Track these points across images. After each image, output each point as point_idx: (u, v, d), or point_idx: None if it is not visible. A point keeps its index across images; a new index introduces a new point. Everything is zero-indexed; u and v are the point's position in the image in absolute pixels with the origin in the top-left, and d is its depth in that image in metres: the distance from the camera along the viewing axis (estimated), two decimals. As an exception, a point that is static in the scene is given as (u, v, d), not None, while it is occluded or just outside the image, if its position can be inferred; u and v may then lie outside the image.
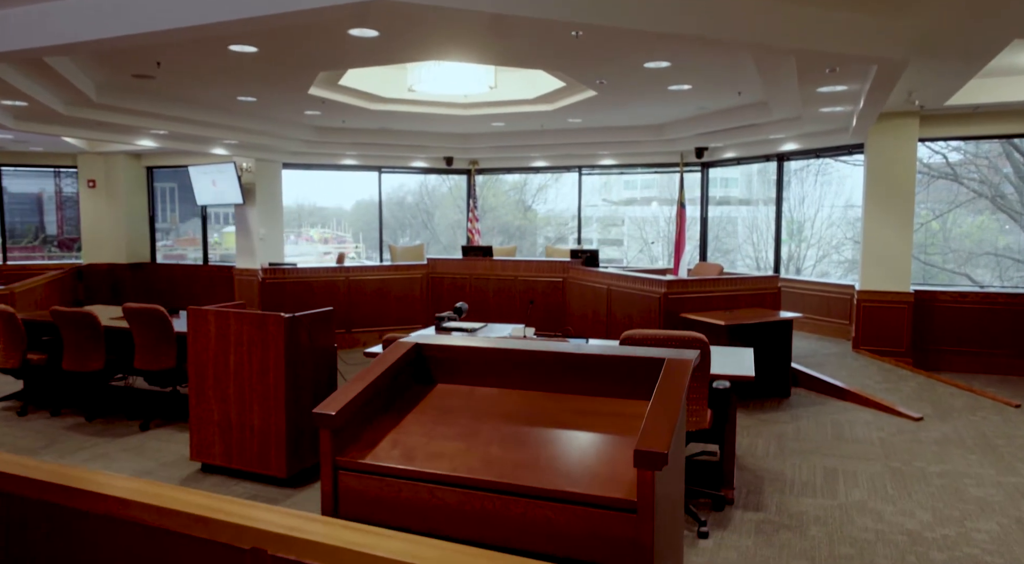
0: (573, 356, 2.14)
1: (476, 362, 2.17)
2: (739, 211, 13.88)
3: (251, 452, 4.27)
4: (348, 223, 17.51)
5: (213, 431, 4.37)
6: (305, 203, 16.54)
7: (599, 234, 16.94)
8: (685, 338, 3.55)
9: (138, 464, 4.62)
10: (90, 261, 11.49)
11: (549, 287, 8.33)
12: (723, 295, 6.58)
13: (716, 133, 9.18)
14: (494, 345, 2.18)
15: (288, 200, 16.16)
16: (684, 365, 1.91)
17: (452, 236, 16.47)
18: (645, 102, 7.84)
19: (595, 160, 11.36)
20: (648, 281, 6.72)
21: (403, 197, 17.29)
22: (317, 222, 17.32)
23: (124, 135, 8.40)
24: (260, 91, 7.25)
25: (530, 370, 2.13)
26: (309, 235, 17.07)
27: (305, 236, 16.92)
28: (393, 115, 8.88)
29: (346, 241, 17.08)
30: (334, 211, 17.32)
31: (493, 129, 10.24)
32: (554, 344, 2.27)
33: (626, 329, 7.15)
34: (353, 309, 8.62)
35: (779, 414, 5.72)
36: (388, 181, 15.88)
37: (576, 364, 2.12)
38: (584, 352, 2.16)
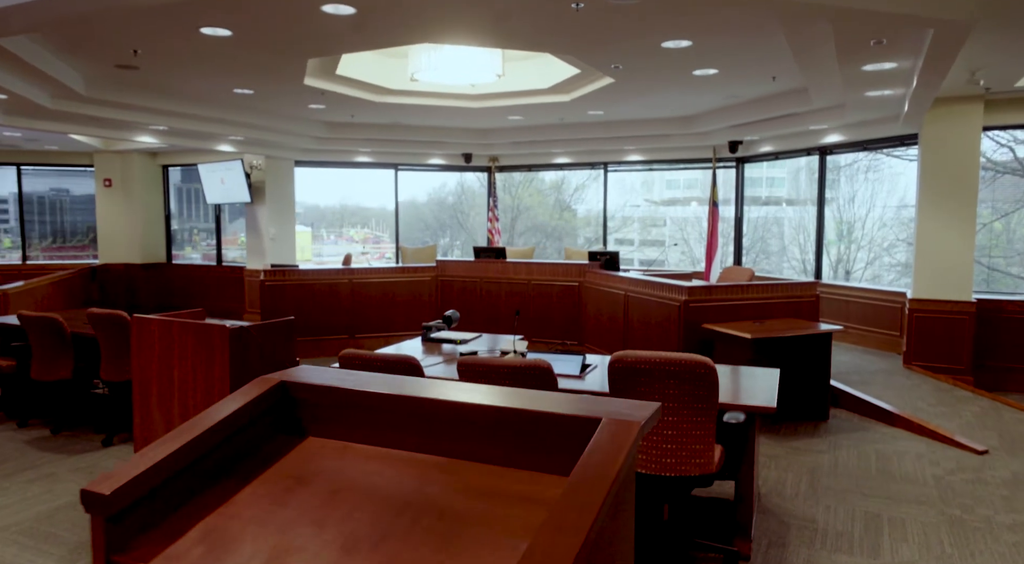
0: (481, 409, 1.53)
1: (360, 409, 1.59)
2: (785, 211, 13.07)
3: (195, 481, 3.76)
4: (390, 223, 17.19)
5: (157, 455, 3.88)
6: (349, 203, 16.39)
7: (640, 235, 16.26)
8: (686, 363, 2.90)
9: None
10: (106, 261, 11.31)
11: (564, 291, 7.69)
12: (753, 303, 5.86)
13: (751, 125, 8.41)
14: (382, 389, 1.60)
15: (331, 200, 16.00)
16: (626, 430, 1.30)
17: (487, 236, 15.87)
18: (669, 90, 7.13)
19: (621, 156, 10.66)
20: (667, 287, 6.03)
21: (444, 197, 16.95)
22: (359, 222, 17.15)
23: (122, 131, 8.08)
24: (253, 83, 6.82)
25: (427, 425, 1.54)
26: (349, 235, 16.87)
27: (346, 236, 16.72)
28: (401, 108, 8.37)
29: (383, 241, 16.88)
30: (377, 211, 17.13)
31: (510, 123, 9.64)
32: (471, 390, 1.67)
33: (644, 338, 6.48)
34: (357, 314, 8.13)
35: (814, 442, 4.98)
36: (429, 180, 15.48)
37: (485, 420, 1.52)
38: (496, 404, 1.55)
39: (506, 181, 14.71)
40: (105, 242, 11.32)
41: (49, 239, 12.09)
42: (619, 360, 3.02)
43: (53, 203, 12.11)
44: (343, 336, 8.11)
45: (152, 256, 11.56)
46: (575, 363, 4.00)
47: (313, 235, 15.29)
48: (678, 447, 2.96)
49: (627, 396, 3.04)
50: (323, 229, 16.07)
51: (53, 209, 12.16)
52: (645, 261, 14.74)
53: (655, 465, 2.98)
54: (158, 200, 11.64)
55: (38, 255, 11.79)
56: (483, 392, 1.62)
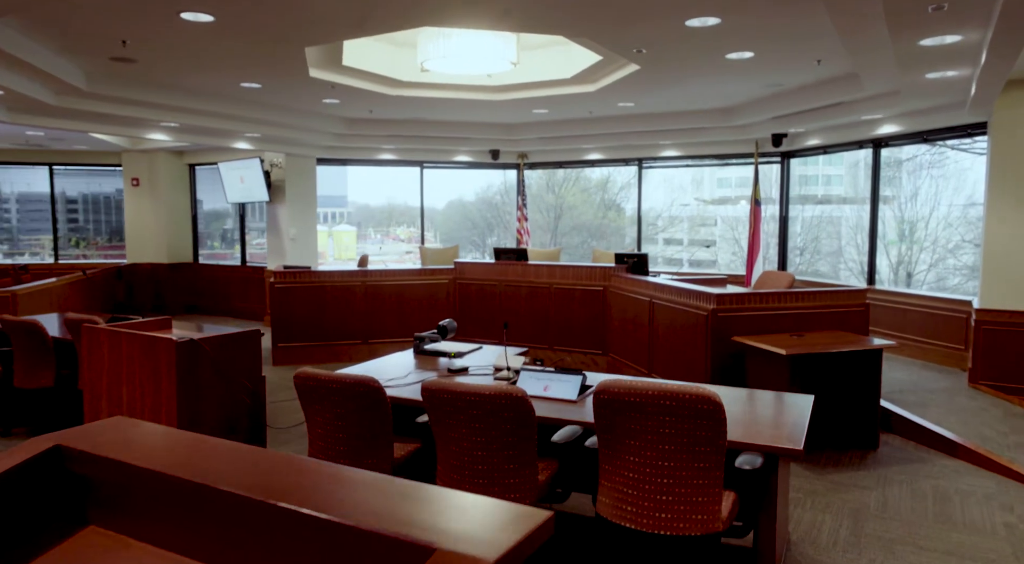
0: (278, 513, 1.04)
1: (151, 495, 1.13)
2: (842, 210, 12.26)
3: (143, 510, 3.39)
4: (439, 222, 16.98)
5: (107, 479, 3.53)
6: (396, 202, 16.31)
7: (689, 235, 15.65)
8: (686, 396, 2.35)
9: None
10: (133, 260, 11.25)
11: (587, 296, 7.14)
12: (791, 313, 5.21)
13: (795, 116, 7.69)
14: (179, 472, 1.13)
15: (379, 199, 15.89)
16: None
17: (533, 236, 15.36)
18: (702, 78, 6.51)
19: (656, 152, 10.02)
20: (694, 294, 5.43)
21: (492, 196, 16.67)
22: (406, 221, 17.03)
23: (134, 128, 7.89)
24: (257, 76, 6.50)
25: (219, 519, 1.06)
26: (396, 234, 16.77)
27: (392, 235, 16.61)
28: (419, 102, 7.95)
29: (428, 240, 16.73)
30: (426, 211, 16.98)
31: (537, 117, 9.13)
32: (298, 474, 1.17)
33: (669, 351, 5.88)
34: (372, 318, 7.75)
35: (860, 475, 4.33)
36: (477, 179, 15.13)
37: (279, 525, 1.03)
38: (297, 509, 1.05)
39: (549, 179, 14.25)
40: (132, 241, 11.27)
41: (105, 237, 12.13)
42: (605, 390, 2.49)
43: (107, 201, 12.18)
44: (356, 341, 7.73)
45: (178, 256, 11.45)
46: (573, 384, 3.47)
47: (359, 234, 15.15)
48: (675, 499, 2.41)
49: (615, 434, 2.51)
50: (370, 228, 15.94)
51: (108, 208, 12.24)
52: (694, 261, 14.09)
53: (647, 520, 2.44)
54: (185, 199, 11.54)
55: (93, 254, 11.86)
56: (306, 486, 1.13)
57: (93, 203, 12.08)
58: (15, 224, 11.86)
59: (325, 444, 3.06)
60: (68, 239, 11.88)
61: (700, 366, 5.26)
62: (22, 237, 11.87)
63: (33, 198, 11.65)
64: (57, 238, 11.56)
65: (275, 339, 7.52)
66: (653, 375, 6.05)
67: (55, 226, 11.52)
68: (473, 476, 2.76)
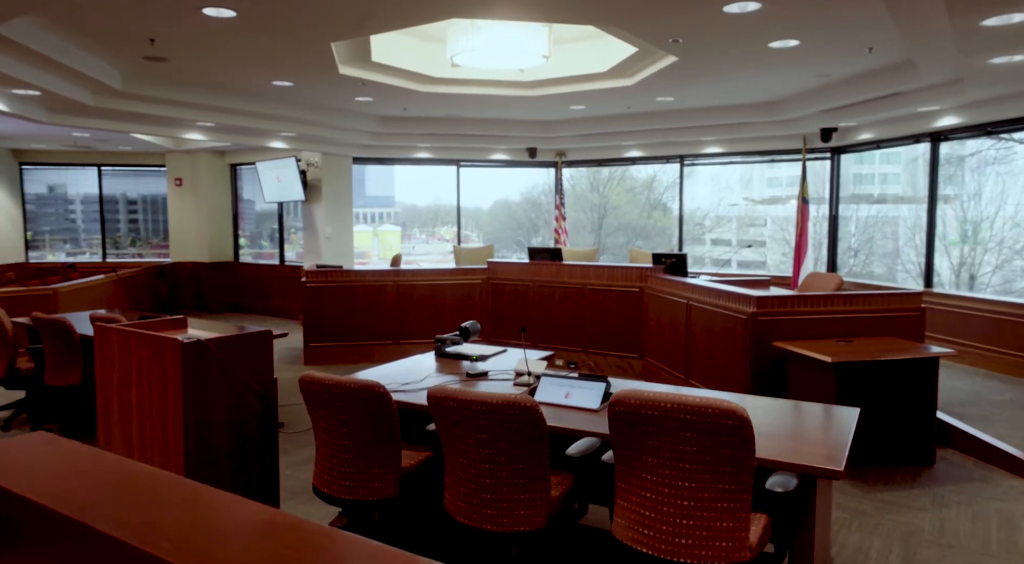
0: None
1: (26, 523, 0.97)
2: (899, 210, 11.72)
3: (151, 514, 3.31)
4: (483, 222, 17.00)
5: (117, 481, 3.46)
6: (442, 202, 16.43)
7: (737, 235, 15.26)
8: (709, 411, 2.12)
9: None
10: (176, 259, 11.44)
11: (623, 298, 6.88)
12: (838, 317, 4.87)
13: (846, 109, 7.29)
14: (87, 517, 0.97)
15: (425, 200, 16.03)
16: None
17: (576, 235, 15.15)
18: (744, 69, 6.20)
19: (698, 148, 9.68)
20: (733, 297, 5.13)
21: (537, 196, 16.59)
22: (451, 221, 17.10)
23: (171, 128, 7.97)
24: (287, 73, 6.45)
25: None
26: (440, 234, 16.86)
27: (437, 235, 16.70)
28: (453, 99, 7.83)
29: (470, 239, 16.74)
30: (472, 211, 17.07)
31: (574, 114, 8.91)
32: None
33: (706, 355, 5.59)
34: (403, 318, 7.64)
35: (913, 495, 3.99)
36: (522, 179, 15.01)
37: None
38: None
39: (594, 179, 14.03)
40: (176, 241, 11.46)
41: (160, 236, 12.39)
42: (620, 402, 2.27)
43: (164, 202, 12.45)
44: (388, 341, 7.64)
45: (219, 255, 11.60)
46: (596, 392, 3.25)
47: (404, 234, 15.22)
48: (697, 524, 2.18)
49: (631, 450, 2.29)
50: (415, 228, 16.03)
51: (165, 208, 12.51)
52: (743, 262, 13.70)
53: (665, 545, 2.21)
54: (226, 199, 11.68)
55: (148, 252, 12.13)
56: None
57: (152, 203, 12.32)
58: (80, 224, 12.16)
59: (330, 451, 2.91)
60: (127, 238, 12.16)
61: (739, 373, 4.96)
62: (84, 236, 12.18)
63: (92, 199, 11.92)
64: (105, 237, 11.84)
65: (307, 339, 7.48)
66: (691, 381, 5.77)
67: (103, 225, 11.80)
68: (480, 490, 2.58)
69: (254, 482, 3.39)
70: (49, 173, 11.78)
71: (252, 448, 3.37)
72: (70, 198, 12.10)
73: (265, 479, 3.45)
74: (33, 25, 4.77)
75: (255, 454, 3.39)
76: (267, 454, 3.46)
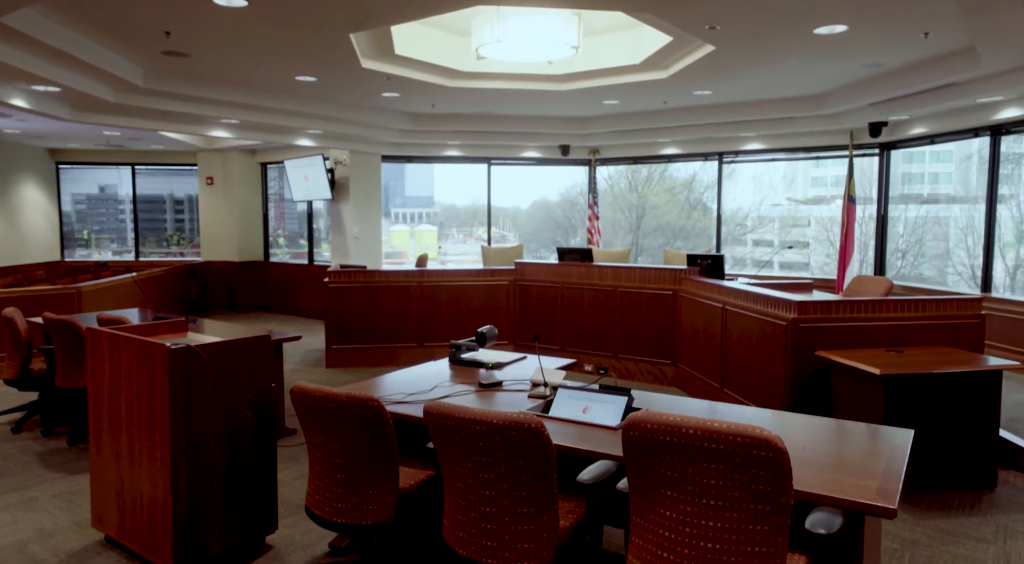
0: None
1: None
2: (950, 210, 11.14)
3: (141, 529, 3.13)
4: (522, 222, 16.89)
5: (110, 494, 3.30)
6: (480, 202, 16.40)
7: (780, 236, 14.79)
8: (738, 439, 1.81)
9: (47, 521, 3.67)
10: (207, 258, 11.45)
11: (656, 301, 6.55)
12: (889, 325, 4.48)
13: (897, 101, 6.83)
14: None
15: (464, 200, 16.02)
16: None
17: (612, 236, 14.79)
18: (786, 59, 5.81)
19: (738, 145, 9.27)
20: (772, 301, 4.77)
21: (575, 196, 16.35)
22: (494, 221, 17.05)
23: (195, 125, 7.90)
24: (309, 68, 6.30)
25: None
26: (479, 234, 16.81)
27: (475, 235, 16.66)
28: (482, 95, 7.59)
29: (507, 239, 16.64)
30: (510, 211, 16.99)
31: (607, 109, 8.59)
32: None
33: (744, 364, 5.22)
34: (428, 320, 7.43)
35: (973, 522, 3.60)
36: (560, 178, 14.77)
37: None
38: None
39: (632, 178, 13.69)
40: (207, 240, 11.48)
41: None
42: (636, 425, 1.97)
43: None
44: (412, 344, 7.44)
45: (250, 254, 11.58)
46: (616, 408, 2.96)
47: (441, 234, 15.13)
48: (722, 571, 1.87)
49: (647, 481, 2.00)
50: (453, 228, 15.98)
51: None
52: (785, 264, 13.25)
53: (686, 594, 1.91)
54: (257, 198, 11.66)
55: (189, 251, 12.21)
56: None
57: (196, 202, 12.36)
58: (128, 224, 12.26)
59: (322, 470, 2.68)
60: (173, 237, 12.25)
61: (778, 384, 4.60)
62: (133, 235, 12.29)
63: (143, 199, 12.00)
64: (138, 236, 11.93)
65: (329, 340, 7.32)
66: (725, 391, 5.42)
67: (136, 224, 11.89)
68: (480, 519, 2.31)
69: (248, 498, 3.18)
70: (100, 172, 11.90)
71: (247, 462, 3.16)
72: (120, 198, 12.21)
73: (261, 495, 3.24)
74: (44, 17, 4.68)
75: (250, 468, 3.18)
76: (263, 468, 3.25)
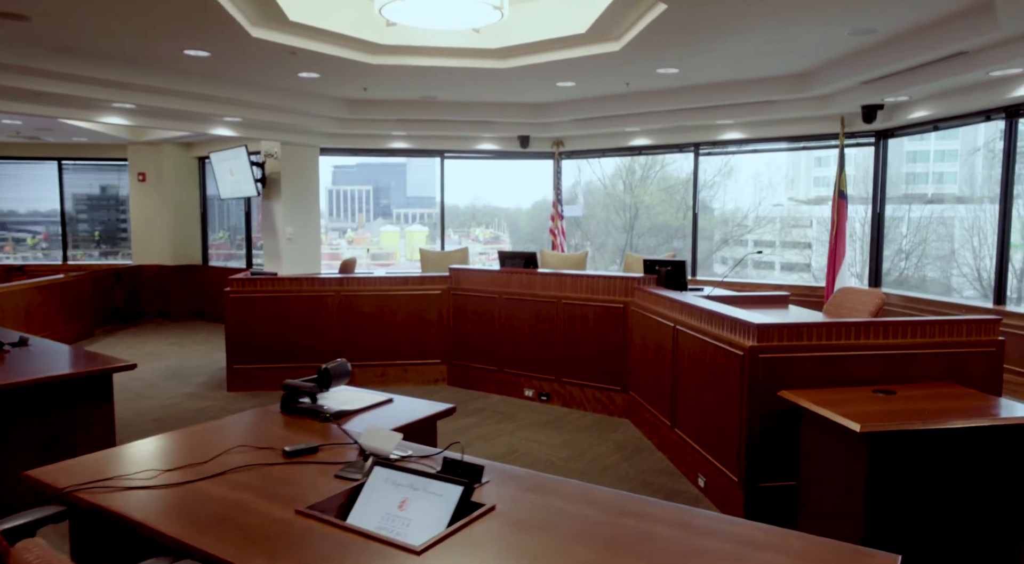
0: None
1: None
2: (956, 210, 10.22)
3: None
4: (521, 223, 16.11)
5: None
6: (479, 204, 15.67)
7: (780, 236, 13.94)
8: None
9: None
10: (140, 262, 10.44)
11: (605, 314, 5.51)
12: (877, 355, 3.43)
13: (894, 78, 5.77)
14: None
15: (464, 200, 15.21)
16: None
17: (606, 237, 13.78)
18: (755, 24, 4.75)
19: (715, 134, 8.22)
20: (729, 323, 3.72)
21: (575, 197, 15.47)
22: (485, 221, 16.25)
23: (78, 109, 6.87)
24: (193, 39, 5.29)
25: None
26: (475, 235, 16.04)
27: (472, 236, 15.88)
28: (413, 74, 6.57)
29: (500, 240, 15.85)
30: (511, 212, 16.18)
31: (565, 95, 7.56)
32: None
33: (696, 401, 4.16)
34: (347, 335, 6.40)
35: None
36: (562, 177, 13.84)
37: None
38: None
39: (627, 177, 12.72)
40: (139, 242, 10.46)
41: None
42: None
43: None
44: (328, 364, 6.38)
45: (186, 257, 10.56)
46: (446, 504, 1.92)
47: (439, 234, 14.42)
48: None
49: None
50: (450, 229, 15.32)
51: None
52: (785, 266, 12.46)
53: None
54: (194, 196, 10.64)
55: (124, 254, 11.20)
56: None
57: None
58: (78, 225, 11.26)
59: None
60: (95, 234, 11.23)
61: (733, 431, 3.55)
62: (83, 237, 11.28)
63: (75, 197, 11.00)
64: (66, 237, 10.92)
65: (230, 360, 6.29)
66: (676, 431, 4.37)
67: (64, 224, 10.88)
68: None
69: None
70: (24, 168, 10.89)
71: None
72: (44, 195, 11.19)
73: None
74: None
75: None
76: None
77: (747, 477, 3.43)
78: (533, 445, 4.79)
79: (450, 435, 4.98)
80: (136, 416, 5.49)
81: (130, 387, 6.44)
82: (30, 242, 11.32)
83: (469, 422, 5.33)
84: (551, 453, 4.62)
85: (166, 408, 5.73)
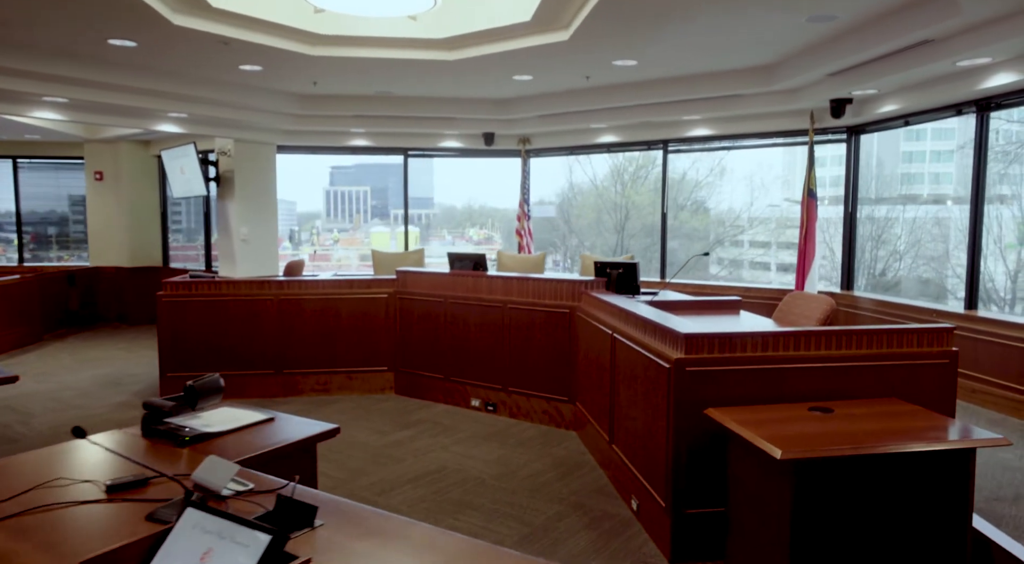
0: None
1: None
2: (950, 211, 10.01)
3: None
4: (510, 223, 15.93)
5: None
6: (475, 204, 15.55)
7: (775, 237, 13.74)
8: None
9: None
10: (97, 263, 10.10)
11: (552, 320, 5.18)
12: (817, 368, 3.11)
13: (860, 70, 5.46)
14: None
15: (460, 200, 14.95)
16: None
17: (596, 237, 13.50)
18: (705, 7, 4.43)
19: (682, 130, 7.90)
20: (660, 331, 3.40)
21: (573, 196, 15.27)
22: (479, 222, 16.03)
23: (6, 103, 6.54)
24: (112, 28, 4.96)
25: None
26: (469, 235, 15.91)
27: (465, 236, 15.73)
28: (361, 67, 6.26)
29: (493, 240, 15.63)
30: (507, 212, 16.02)
31: (525, 89, 7.25)
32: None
33: (627, 410, 3.81)
34: (288, 342, 6.07)
35: None
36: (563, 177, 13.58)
37: None
38: None
39: (616, 177, 12.48)
40: (96, 243, 10.12)
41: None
42: None
43: None
44: (268, 371, 6.07)
45: (145, 259, 10.22)
46: (248, 557, 1.60)
47: (433, 235, 14.21)
48: None
49: None
50: (445, 230, 15.18)
51: None
52: (781, 266, 12.31)
53: None
54: (153, 195, 10.31)
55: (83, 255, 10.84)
56: None
57: None
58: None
59: None
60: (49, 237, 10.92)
61: (660, 452, 3.23)
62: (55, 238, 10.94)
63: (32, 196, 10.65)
64: (21, 237, 10.58)
65: (163, 368, 5.97)
66: (614, 447, 4.05)
67: (19, 226, 10.54)
68: None
69: None
70: None
71: None
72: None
73: None
74: None
75: None
76: None
77: (674, 502, 3.11)
78: (466, 461, 4.46)
79: (383, 450, 4.66)
80: (52, 429, 5.15)
81: (60, 397, 6.11)
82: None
83: (405, 435, 5.01)
84: (483, 470, 4.30)
85: (89, 419, 5.39)
